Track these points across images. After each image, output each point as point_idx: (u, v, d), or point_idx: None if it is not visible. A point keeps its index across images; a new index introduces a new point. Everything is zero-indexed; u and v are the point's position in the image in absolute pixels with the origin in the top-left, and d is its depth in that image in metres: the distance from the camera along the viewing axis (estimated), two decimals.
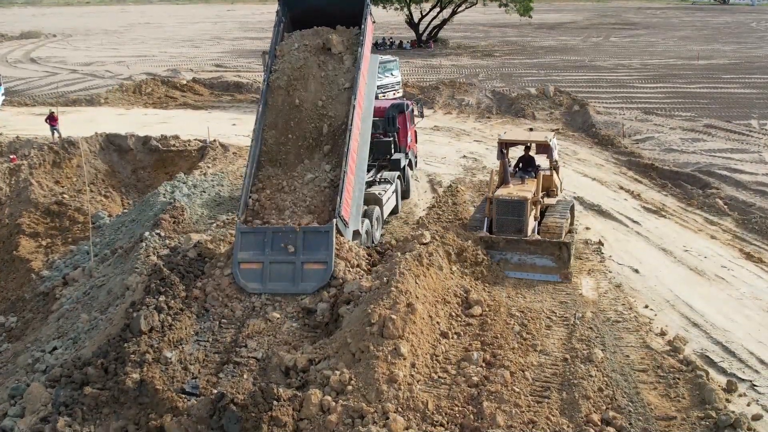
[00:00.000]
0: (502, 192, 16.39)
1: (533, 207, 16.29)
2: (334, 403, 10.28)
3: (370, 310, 11.69)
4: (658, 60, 51.73)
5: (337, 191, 14.57)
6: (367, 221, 16.49)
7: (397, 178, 19.77)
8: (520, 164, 17.94)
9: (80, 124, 30.25)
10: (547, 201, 17.37)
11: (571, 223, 17.75)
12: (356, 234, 15.43)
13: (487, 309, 13.24)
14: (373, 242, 16.60)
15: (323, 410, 10.27)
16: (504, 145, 17.37)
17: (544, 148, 17.42)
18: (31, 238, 20.77)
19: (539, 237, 15.78)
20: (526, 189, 16.53)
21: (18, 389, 12.53)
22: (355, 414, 10.06)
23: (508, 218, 15.95)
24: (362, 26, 16.28)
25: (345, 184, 14.54)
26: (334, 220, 14.09)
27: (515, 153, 19.75)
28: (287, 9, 16.94)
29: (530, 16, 65.45)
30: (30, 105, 37.62)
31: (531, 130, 18.61)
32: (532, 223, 16.22)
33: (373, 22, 17.14)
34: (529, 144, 17.91)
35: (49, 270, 18.64)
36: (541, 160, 18.16)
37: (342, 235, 14.42)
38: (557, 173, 18.25)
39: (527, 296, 14.32)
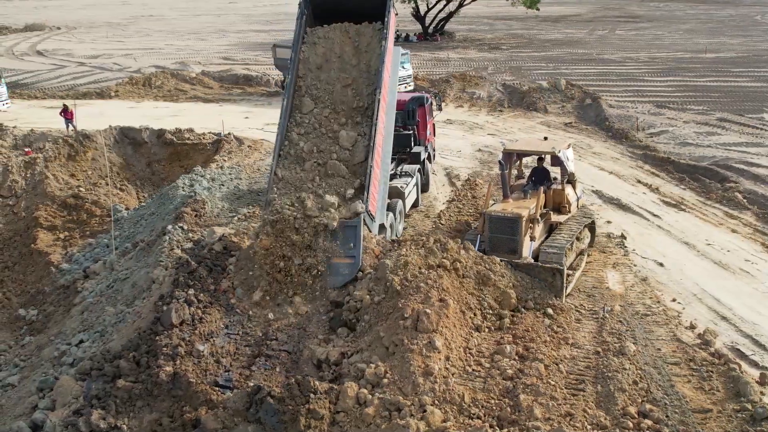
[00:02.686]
0: (496, 207, 15.21)
1: (531, 225, 14.85)
2: (370, 396, 10.31)
3: (401, 305, 11.70)
4: (666, 53, 51.51)
5: (362, 186, 14.52)
6: (391, 214, 16.48)
7: (417, 171, 19.74)
8: (533, 177, 16.62)
9: (91, 117, 30.15)
10: (556, 218, 15.92)
11: (591, 243, 16.35)
12: (381, 227, 15.42)
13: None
14: (396, 235, 16.59)
15: (360, 403, 10.30)
16: (509, 156, 16.16)
17: (555, 159, 16.09)
18: (49, 231, 20.77)
19: (531, 260, 14.37)
20: (524, 205, 15.15)
21: (46, 382, 12.56)
22: (392, 407, 10.07)
23: (501, 236, 14.65)
24: (386, 19, 16.19)
25: (371, 178, 14.50)
26: (362, 214, 14.06)
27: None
28: (309, 1, 16.82)
29: (537, 9, 65.07)
30: (40, 98, 37.51)
31: (546, 138, 17.25)
32: (528, 244, 14.73)
33: (396, 14, 17.05)
34: (543, 155, 16.63)
35: (69, 263, 18.63)
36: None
37: (369, 230, 14.41)
38: (573, 187, 16.71)
39: None
